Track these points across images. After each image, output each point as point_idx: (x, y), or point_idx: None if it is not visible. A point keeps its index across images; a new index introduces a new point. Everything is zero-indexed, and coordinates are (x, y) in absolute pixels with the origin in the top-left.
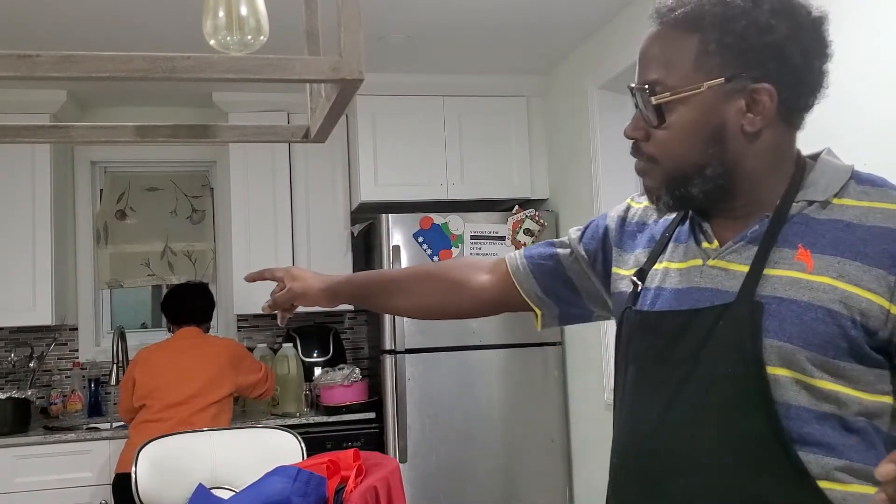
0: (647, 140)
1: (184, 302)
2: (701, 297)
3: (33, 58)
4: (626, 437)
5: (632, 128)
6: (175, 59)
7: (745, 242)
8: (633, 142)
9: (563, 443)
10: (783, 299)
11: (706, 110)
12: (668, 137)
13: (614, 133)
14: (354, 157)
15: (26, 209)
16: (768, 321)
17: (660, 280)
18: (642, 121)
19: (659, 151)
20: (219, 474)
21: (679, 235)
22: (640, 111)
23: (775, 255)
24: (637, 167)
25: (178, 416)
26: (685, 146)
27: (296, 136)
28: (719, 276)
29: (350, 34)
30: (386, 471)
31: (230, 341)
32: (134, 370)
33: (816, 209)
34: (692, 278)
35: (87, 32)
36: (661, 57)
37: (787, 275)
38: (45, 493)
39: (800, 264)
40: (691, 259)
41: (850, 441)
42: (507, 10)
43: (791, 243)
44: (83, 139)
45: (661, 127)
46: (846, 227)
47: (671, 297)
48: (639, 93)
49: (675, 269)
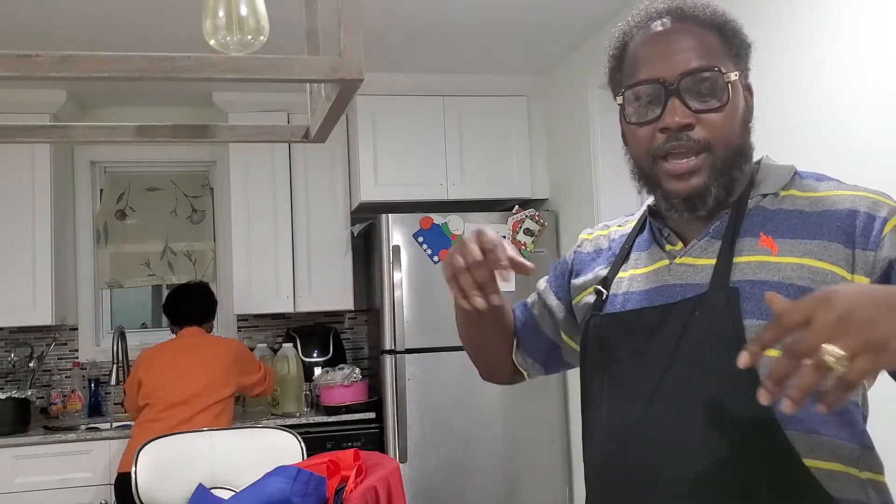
0: (694, 128)
1: (185, 303)
2: (672, 293)
3: (33, 58)
4: (607, 436)
5: (681, 115)
6: (175, 59)
7: (708, 238)
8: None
9: (562, 443)
10: (755, 282)
11: (739, 96)
12: (723, 119)
13: (614, 133)
14: (354, 157)
15: (26, 209)
16: (745, 303)
17: (626, 286)
18: (689, 109)
19: (714, 135)
20: (219, 474)
21: (639, 244)
22: (682, 101)
23: (739, 244)
24: (683, 167)
25: (180, 415)
26: (735, 127)
27: (296, 136)
28: (688, 271)
29: (350, 34)
30: (386, 471)
31: (233, 341)
32: (139, 370)
33: (770, 201)
34: (661, 278)
35: (86, 32)
36: (700, 47)
37: (754, 259)
38: (44, 494)
39: (764, 249)
40: (657, 262)
41: (831, 418)
42: (507, 10)
43: (752, 233)
44: (83, 139)
45: (718, 109)
46: (799, 213)
47: (642, 298)
48: (701, 76)
49: (642, 273)
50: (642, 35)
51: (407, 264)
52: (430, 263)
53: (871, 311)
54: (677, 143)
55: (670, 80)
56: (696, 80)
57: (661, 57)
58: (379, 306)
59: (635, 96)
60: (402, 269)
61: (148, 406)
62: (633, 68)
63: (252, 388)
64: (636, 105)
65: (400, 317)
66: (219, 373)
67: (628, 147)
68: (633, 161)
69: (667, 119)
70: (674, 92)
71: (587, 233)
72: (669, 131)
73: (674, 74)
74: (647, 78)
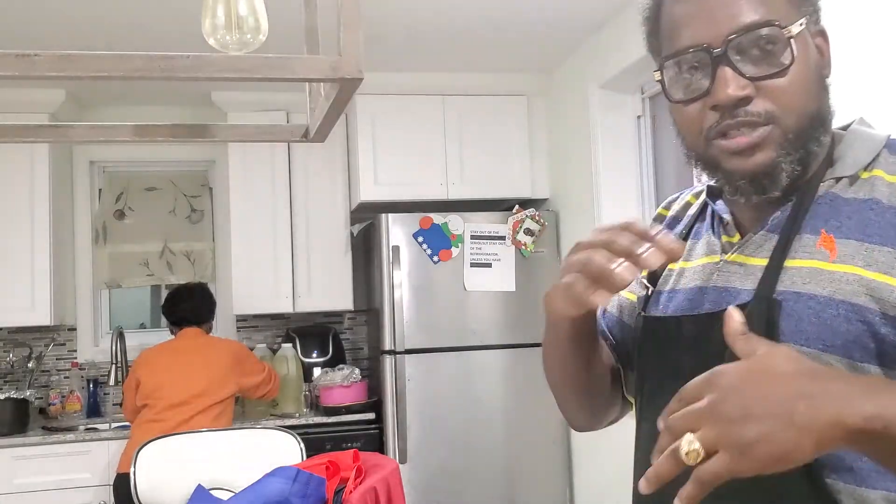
0: (751, 100)
1: (185, 303)
2: (718, 299)
3: (32, 57)
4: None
5: (734, 86)
6: (174, 59)
7: (765, 232)
8: (727, 113)
9: (563, 444)
10: (801, 294)
11: (808, 49)
12: (788, 83)
13: (614, 133)
14: (354, 156)
15: (25, 209)
16: (785, 321)
17: (674, 282)
18: (743, 77)
19: (780, 103)
20: (218, 475)
21: (697, 231)
22: (734, 69)
23: (797, 243)
24: (744, 141)
25: (180, 416)
26: (805, 91)
27: (295, 136)
28: (737, 272)
29: (349, 33)
30: (385, 472)
31: (233, 342)
32: (137, 371)
33: (844, 186)
34: (709, 277)
35: (86, 32)
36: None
37: (807, 265)
38: (43, 494)
39: (822, 252)
40: (708, 256)
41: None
42: (507, 9)
43: (813, 229)
44: (82, 139)
45: (780, 73)
46: (875, 205)
47: (684, 300)
48: (754, 34)
49: (691, 267)
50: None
51: (407, 264)
52: (430, 263)
53: (752, 401)
54: (733, 121)
55: (716, 43)
56: (748, 41)
57: (702, 15)
58: (379, 306)
59: (677, 68)
60: (401, 269)
61: (147, 406)
62: (671, 32)
63: (255, 390)
64: (679, 78)
65: (400, 317)
66: (219, 374)
67: (676, 127)
68: (684, 143)
69: (717, 93)
70: (721, 59)
71: (664, 208)
72: (722, 107)
73: (719, 36)
74: (688, 45)
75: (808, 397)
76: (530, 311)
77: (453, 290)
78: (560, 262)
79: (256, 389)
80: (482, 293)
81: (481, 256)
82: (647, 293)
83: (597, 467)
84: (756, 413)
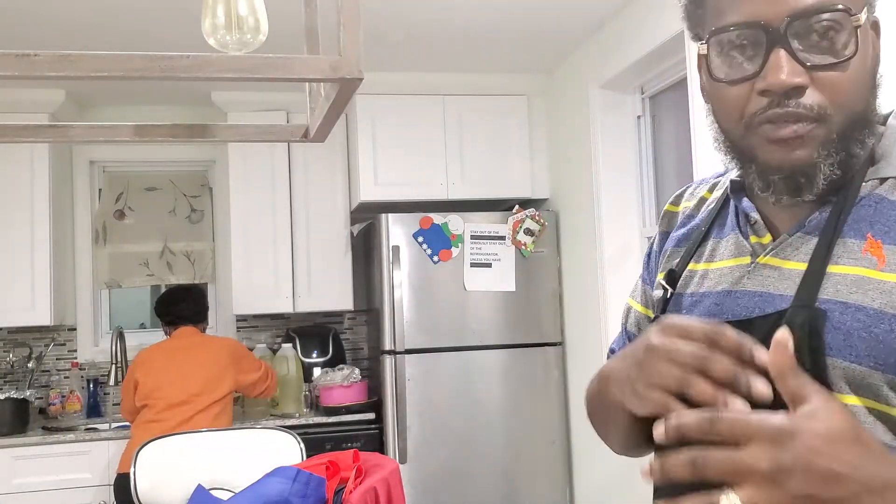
0: (804, 91)
1: (181, 303)
2: (749, 304)
3: (32, 57)
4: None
5: (790, 72)
6: (174, 59)
7: (803, 233)
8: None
9: (563, 443)
10: (848, 305)
11: (868, 42)
12: (847, 78)
13: (614, 133)
14: (354, 156)
15: (25, 209)
16: (831, 335)
17: (696, 284)
18: (800, 65)
19: (833, 98)
20: (218, 475)
21: (720, 230)
22: (791, 53)
23: (839, 247)
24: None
25: (180, 415)
26: (860, 88)
27: (295, 136)
28: (771, 276)
29: (349, 33)
30: (385, 472)
31: (230, 340)
32: (135, 372)
33: (890, 187)
34: (738, 280)
35: (86, 32)
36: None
37: (852, 272)
38: (43, 494)
39: (868, 259)
40: (736, 257)
41: None
42: (507, 9)
43: (858, 232)
44: (82, 139)
45: (841, 65)
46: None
47: (711, 305)
48: (820, 19)
49: (716, 269)
50: None
51: (407, 264)
52: (430, 263)
53: (819, 484)
54: (782, 110)
55: (775, 22)
56: (812, 24)
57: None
58: (379, 306)
59: (724, 44)
60: (401, 269)
61: (147, 407)
62: (722, 2)
63: (253, 388)
64: (726, 55)
65: (400, 317)
66: (216, 372)
67: (713, 109)
68: (720, 128)
69: (769, 77)
70: (780, 40)
71: (672, 204)
72: (772, 94)
73: (780, 14)
74: (741, 20)
75: (879, 493)
76: (530, 311)
77: (453, 290)
78: (560, 262)
79: (254, 387)
80: (482, 293)
81: (481, 256)
82: (666, 296)
83: (597, 467)
84: (822, 498)
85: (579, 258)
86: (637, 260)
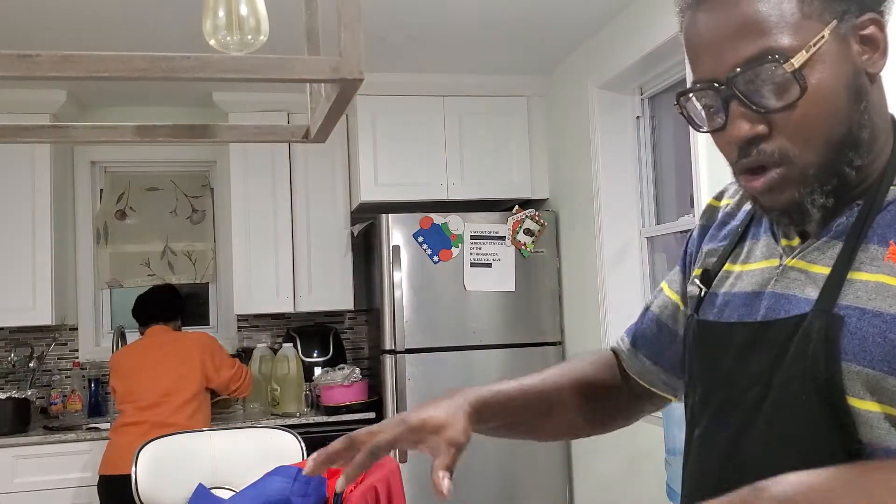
0: (768, 136)
1: (151, 303)
2: (775, 306)
3: (33, 57)
4: (696, 472)
5: (747, 125)
6: (175, 59)
7: (828, 238)
8: (743, 151)
9: (563, 443)
10: (865, 311)
11: (836, 61)
12: (802, 116)
13: (614, 133)
14: (354, 157)
15: (26, 209)
16: (847, 339)
17: (730, 284)
18: (756, 112)
19: (796, 140)
20: (219, 474)
21: (755, 231)
22: (744, 104)
23: (863, 254)
24: (759, 184)
25: (154, 417)
26: (827, 117)
27: (296, 136)
28: (798, 279)
29: (350, 34)
30: (386, 471)
31: (202, 335)
32: (111, 377)
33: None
34: (767, 281)
35: (86, 32)
36: (760, 18)
37: (873, 280)
38: (44, 494)
39: (890, 266)
40: (767, 259)
41: None
42: (507, 9)
43: (882, 238)
44: (83, 139)
45: (789, 107)
46: None
47: (740, 305)
48: (758, 68)
49: (749, 270)
50: (690, 14)
51: (407, 264)
52: (430, 263)
53: None
54: (748, 161)
55: (721, 78)
56: (752, 74)
57: (709, 47)
58: (379, 306)
59: (695, 97)
60: (402, 269)
61: (122, 411)
62: (690, 59)
63: (226, 386)
64: (699, 107)
65: (400, 317)
66: (185, 369)
67: None
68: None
69: (729, 131)
70: (730, 94)
71: (716, 199)
72: (736, 146)
73: (724, 70)
74: (697, 78)
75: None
76: (530, 311)
77: (453, 290)
78: (559, 262)
79: (227, 385)
80: (482, 293)
81: (481, 256)
82: (701, 294)
83: (596, 467)
84: None
85: (579, 258)
86: (636, 260)
